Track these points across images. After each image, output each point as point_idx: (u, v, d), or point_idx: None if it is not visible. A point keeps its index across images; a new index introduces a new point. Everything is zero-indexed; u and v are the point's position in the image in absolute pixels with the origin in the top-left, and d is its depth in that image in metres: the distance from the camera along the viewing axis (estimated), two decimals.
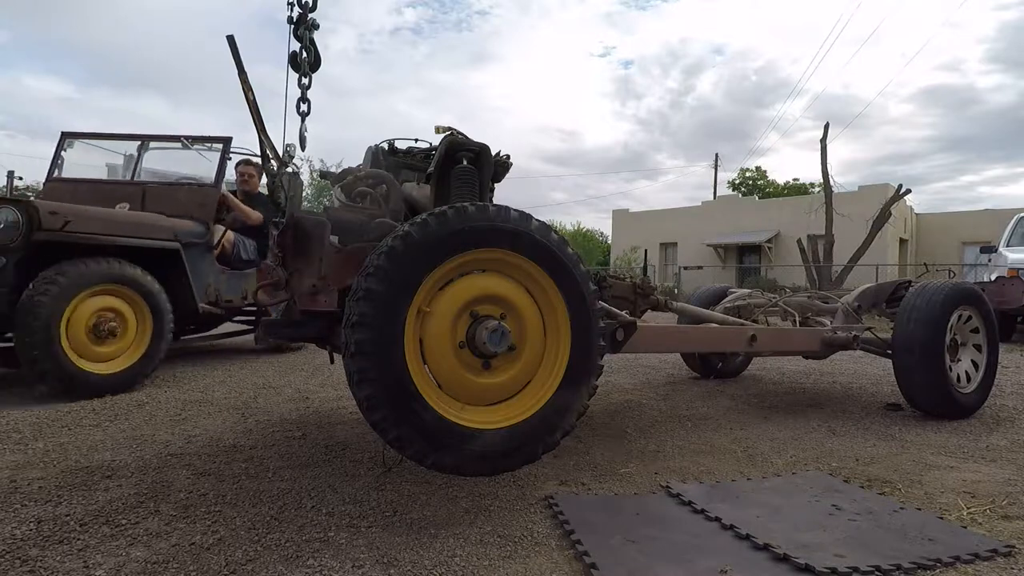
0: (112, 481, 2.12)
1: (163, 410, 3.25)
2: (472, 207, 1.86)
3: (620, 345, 2.54)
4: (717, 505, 1.95)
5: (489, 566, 1.55)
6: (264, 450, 2.53)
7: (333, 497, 2.00)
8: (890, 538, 1.72)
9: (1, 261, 3.49)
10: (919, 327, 3.15)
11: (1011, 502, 2.05)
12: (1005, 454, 2.64)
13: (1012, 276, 7.49)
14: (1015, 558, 1.63)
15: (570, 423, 1.98)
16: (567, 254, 1.97)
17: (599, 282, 3.03)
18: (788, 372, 4.94)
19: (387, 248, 1.76)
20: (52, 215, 3.58)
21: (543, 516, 1.88)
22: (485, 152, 2.48)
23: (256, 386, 4.01)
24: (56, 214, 3.60)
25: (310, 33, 2.07)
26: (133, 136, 5.14)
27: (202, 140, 5.10)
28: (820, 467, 2.44)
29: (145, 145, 5.07)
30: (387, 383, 1.71)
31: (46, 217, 3.55)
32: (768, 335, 3.29)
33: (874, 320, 4.39)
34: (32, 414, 3.08)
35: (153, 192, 4.73)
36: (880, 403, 3.69)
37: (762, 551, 1.64)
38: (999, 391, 4.02)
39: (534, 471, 2.27)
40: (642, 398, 3.82)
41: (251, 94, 2.01)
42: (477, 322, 1.86)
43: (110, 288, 3.73)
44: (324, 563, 1.54)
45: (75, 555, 1.57)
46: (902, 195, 16.97)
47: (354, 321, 1.71)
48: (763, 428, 3.08)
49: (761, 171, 35.77)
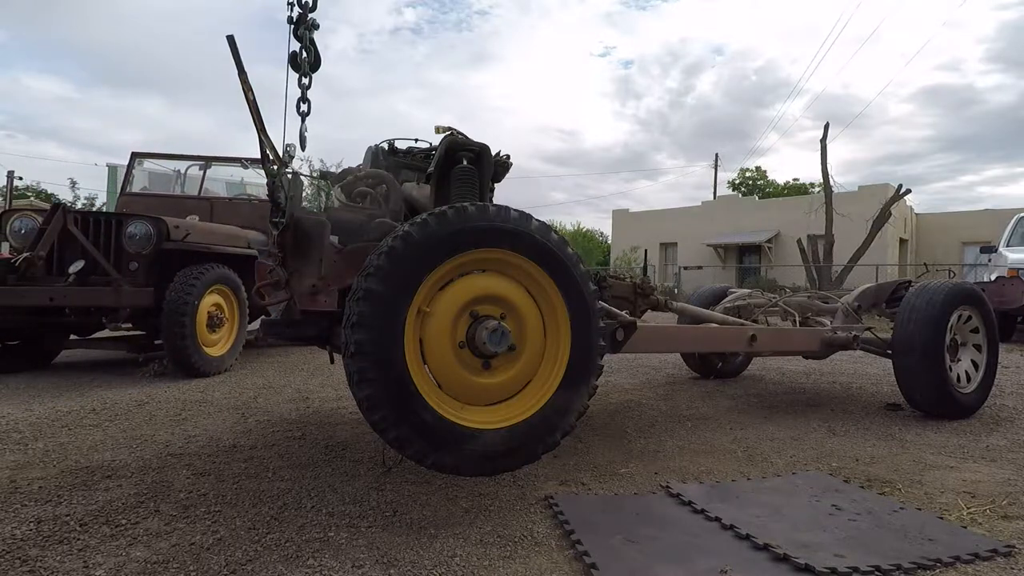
0: (112, 481, 2.12)
1: (163, 410, 3.25)
2: (472, 207, 1.86)
3: (620, 345, 2.54)
4: (717, 505, 1.95)
5: (489, 566, 1.55)
6: (264, 450, 2.53)
7: (333, 497, 2.00)
8: (890, 538, 1.72)
9: (134, 265, 4.21)
10: (919, 327, 3.15)
11: (1011, 502, 2.05)
12: (1005, 454, 2.64)
13: (1012, 276, 7.49)
14: (1015, 558, 1.63)
15: (570, 423, 1.98)
16: (567, 254, 1.97)
17: (599, 282, 3.03)
18: (788, 372, 4.94)
19: (387, 248, 1.76)
20: (176, 228, 4.35)
21: (543, 516, 1.88)
22: (485, 152, 2.48)
23: (256, 386, 4.01)
24: (179, 227, 4.38)
25: (310, 33, 2.07)
26: (198, 157, 5.90)
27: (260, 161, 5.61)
28: (820, 467, 2.44)
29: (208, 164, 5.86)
30: (387, 383, 1.71)
31: (173, 230, 4.31)
32: (768, 335, 3.29)
33: (874, 320, 4.39)
34: (32, 414, 3.08)
35: (219, 206, 5.52)
36: (880, 403, 3.69)
37: (762, 551, 1.64)
38: (999, 391, 4.02)
39: (534, 471, 2.27)
40: (642, 398, 3.82)
41: (251, 94, 2.01)
42: (477, 322, 1.86)
43: (218, 288, 4.46)
44: (324, 563, 1.54)
45: (75, 555, 1.57)
46: (902, 195, 16.98)
47: (354, 321, 1.71)
48: (763, 428, 3.08)
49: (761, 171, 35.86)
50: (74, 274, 4.00)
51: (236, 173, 6.13)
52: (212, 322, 4.39)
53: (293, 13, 2.05)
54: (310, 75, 2.06)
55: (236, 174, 6.14)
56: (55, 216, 4.08)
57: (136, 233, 4.21)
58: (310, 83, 2.05)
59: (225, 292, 4.56)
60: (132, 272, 4.19)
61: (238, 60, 1.95)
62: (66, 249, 4.16)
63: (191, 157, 5.89)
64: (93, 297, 4.02)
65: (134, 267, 4.20)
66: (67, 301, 3.95)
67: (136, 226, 4.22)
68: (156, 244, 4.23)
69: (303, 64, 2.05)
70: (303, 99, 2.05)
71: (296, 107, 2.04)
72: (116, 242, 4.23)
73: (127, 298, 4.05)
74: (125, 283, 4.08)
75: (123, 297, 4.03)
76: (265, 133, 2.05)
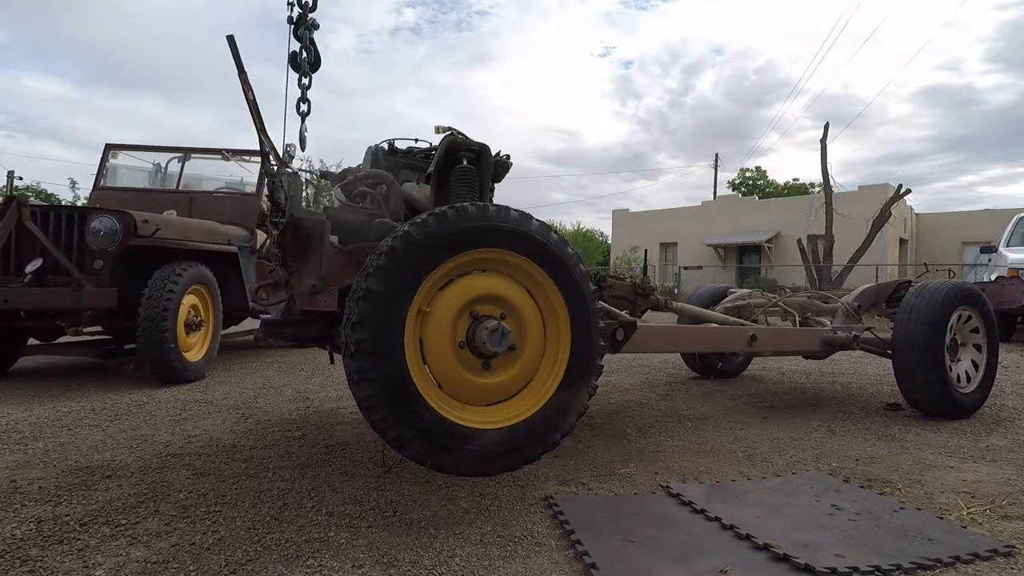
0: (112, 481, 2.12)
1: (163, 410, 3.25)
2: (472, 207, 1.86)
3: (620, 345, 2.54)
4: (717, 505, 1.95)
5: (489, 566, 1.55)
6: (264, 450, 2.53)
7: (333, 497, 2.00)
8: (890, 538, 1.72)
9: (99, 264, 3.82)
10: (919, 327, 3.15)
11: (1011, 502, 2.05)
12: (1005, 454, 2.64)
13: (1012, 276, 7.49)
14: (1015, 558, 1.63)
15: (570, 423, 1.98)
16: (567, 254, 1.97)
17: (599, 282, 3.03)
18: (788, 372, 4.94)
19: (387, 248, 1.76)
20: (145, 223, 3.95)
21: (543, 516, 1.88)
22: (485, 152, 2.48)
23: (256, 386, 4.01)
24: (148, 222, 3.98)
25: (310, 33, 2.07)
26: (176, 148, 5.54)
27: (243, 153, 5.48)
28: (820, 467, 2.43)
29: (187, 156, 5.49)
30: (387, 383, 1.71)
31: (141, 225, 3.92)
32: (768, 335, 3.29)
33: (874, 320, 4.38)
34: (32, 414, 3.08)
35: (199, 200, 5.14)
36: (880, 403, 3.69)
37: (762, 551, 1.64)
38: (999, 391, 4.02)
39: (534, 471, 2.27)
40: (642, 398, 3.82)
41: (251, 94, 2.01)
42: (477, 322, 1.86)
43: (195, 288, 4.14)
44: (324, 563, 1.54)
45: (75, 555, 1.57)
46: (902, 195, 16.97)
47: (354, 321, 1.71)
48: (763, 428, 3.08)
49: (761, 171, 35.81)
50: (31, 274, 3.66)
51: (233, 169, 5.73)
52: (190, 325, 4.09)
53: (293, 13, 2.05)
54: (310, 75, 2.06)
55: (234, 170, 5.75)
56: (9, 211, 3.73)
57: (100, 228, 3.82)
58: (310, 83, 2.05)
59: (201, 292, 4.25)
60: (96, 271, 3.81)
61: (238, 60, 1.95)
62: (24, 247, 3.79)
63: (169, 149, 5.55)
64: (50, 299, 3.66)
65: (98, 265, 3.82)
66: (21, 303, 3.63)
67: (100, 221, 3.83)
68: (122, 240, 3.84)
69: (303, 64, 2.05)
70: (303, 99, 2.05)
71: (296, 107, 2.04)
72: (79, 239, 3.84)
73: (88, 299, 3.67)
74: (87, 283, 3.73)
75: (84, 298, 3.65)
76: (265, 133, 2.05)
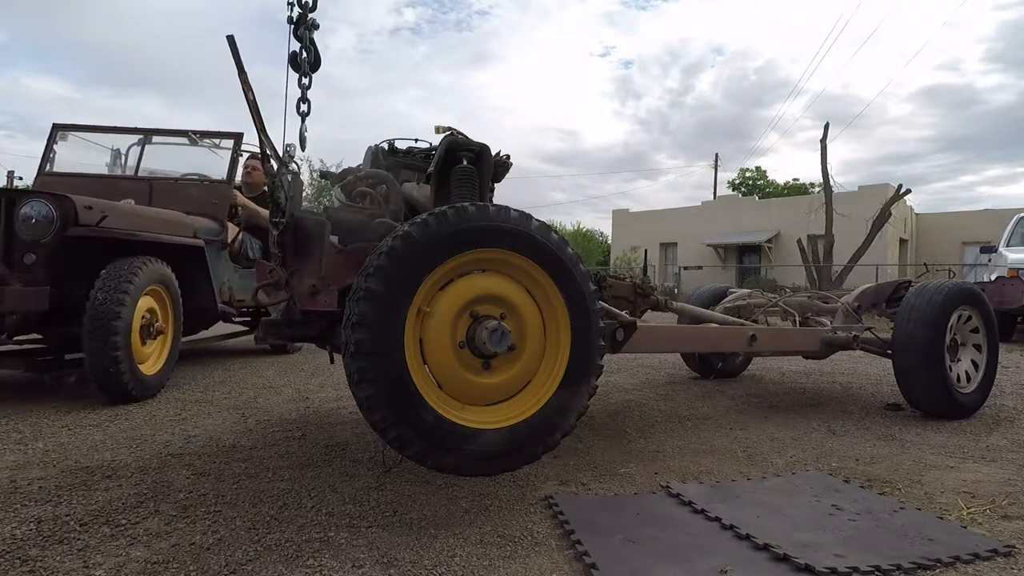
0: (112, 481, 2.12)
1: (163, 410, 3.25)
2: (472, 207, 1.86)
3: (620, 345, 2.54)
4: (717, 505, 1.95)
5: (489, 566, 1.55)
6: (264, 450, 2.53)
7: (333, 497, 2.00)
8: (890, 538, 1.72)
9: (31, 258, 3.24)
10: (919, 327, 3.14)
11: (1011, 502, 2.05)
12: (1005, 454, 2.64)
13: (1012, 276, 7.49)
14: (1015, 558, 1.62)
15: (570, 423, 1.98)
16: (567, 254, 1.97)
17: (599, 282, 3.03)
18: (788, 372, 4.94)
19: (387, 248, 1.76)
20: (88, 210, 3.34)
21: (543, 516, 1.88)
22: (485, 152, 2.48)
23: (256, 386, 4.01)
24: (92, 209, 3.36)
25: (310, 33, 2.07)
26: (134, 129, 4.82)
27: (212, 135, 4.88)
28: (820, 467, 2.43)
29: (148, 139, 4.81)
30: (387, 383, 1.71)
31: (83, 212, 3.30)
32: (768, 335, 3.29)
33: (874, 320, 4.38)
34: (32, 414, 3.08)
35: (161, 188, 4.46)
36: (880, 403, 3.69)
37: (762, 551, 1.64)
38: (999, 391, 4.02)
39: (534, 471, 2.27)
40: (642, 398, 3.82)
41: (251, 94, 2.01)
42: (477, 322, 1.86)
43: (152, 288, 3.52)
44: (324, 563, 1.54)
45: (75, 555, 1.57)
46: (902, 195, 16.96)
47: (354, 321, 1.71)
48: (763, 428, 3.08)
49: (761, 171, 35.83)
50: None
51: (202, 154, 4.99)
52: (148, 332, 3.49)
53: (293, 13, 2.05)
54: (310, 75, 2.06)
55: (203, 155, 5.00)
56: None
57: (31, 215, 3.22)
58: (310, 83, 2.05)
59: (160, 293, 3.60)
60: (28, 267, 3.22)
61: (238, 60, 1.95)
62: None
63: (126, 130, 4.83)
64: None
65: (30, 260, 3.23)
66: None
67: (32, 206, 3.22)
68: (59, 230, 3.24)
69: (303, 64, 2.05)
70: (303, 99, 2.05)
71: (296, 107, 2.04)
72: (7, 228, 3.25)
73: (12, 301, 3.09)
74: (14, 281, 3.17)
75: (8, 300, 3.07)
76: (265, 133, 2.05)
